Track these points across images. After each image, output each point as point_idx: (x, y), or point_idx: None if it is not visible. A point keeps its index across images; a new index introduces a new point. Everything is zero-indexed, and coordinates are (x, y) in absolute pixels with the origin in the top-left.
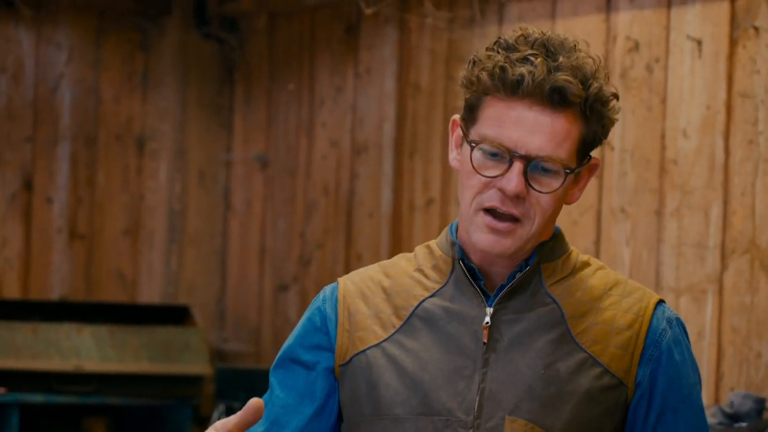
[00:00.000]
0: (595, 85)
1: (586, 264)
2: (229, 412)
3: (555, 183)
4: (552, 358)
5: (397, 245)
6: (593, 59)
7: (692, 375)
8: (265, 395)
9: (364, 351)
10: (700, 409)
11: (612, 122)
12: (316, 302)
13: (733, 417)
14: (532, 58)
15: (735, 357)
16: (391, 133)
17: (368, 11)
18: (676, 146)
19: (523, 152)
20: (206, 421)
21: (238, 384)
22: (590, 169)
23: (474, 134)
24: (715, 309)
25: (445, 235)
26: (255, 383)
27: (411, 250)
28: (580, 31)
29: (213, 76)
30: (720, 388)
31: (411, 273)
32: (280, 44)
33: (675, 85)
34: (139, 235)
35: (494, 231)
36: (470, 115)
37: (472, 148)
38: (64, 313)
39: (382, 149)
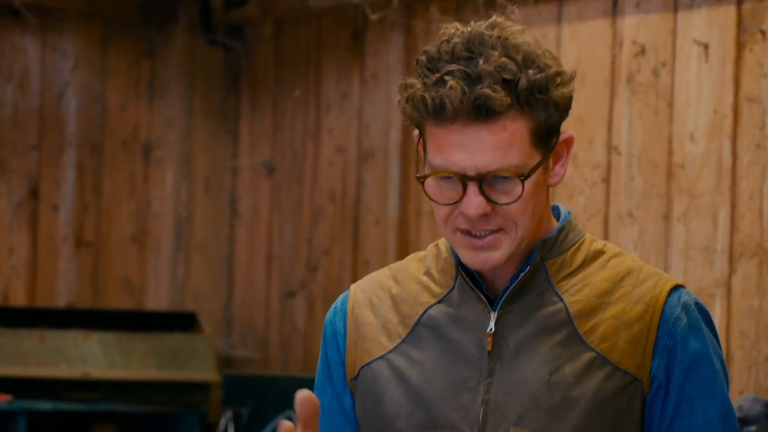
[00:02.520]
0: (525, 77)
1: (600, 253)
2: (237, 418)
3: (516, 190)
4: (558, 363)
5: (404, 251)
6: (525, 42)
7: (713, 362)
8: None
9: (369, 363)
10: (723, 398)
11: (564, 98)
12: (329, 315)
13: (742, 421)
14: (447, 78)
15: (744, 361)
16: (397, 139)
17: (374, 17)
18: (684, 150)
19: (472, 173)
20: (213, 428)
21: (245, 390)
22: (566, 144)
23: (426, 165)
24: (723, 313)
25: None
26: (262, 390)
27: None
28: (587, 35)
29: (219, 83)
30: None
31: (419, 277)
32: (286, 50)
33: (682, 90)
34: (146, 243)
35: (477, 248)
36: (421, 138)
37: (425, 180)
38: (71, 321)
39: (388, 155)
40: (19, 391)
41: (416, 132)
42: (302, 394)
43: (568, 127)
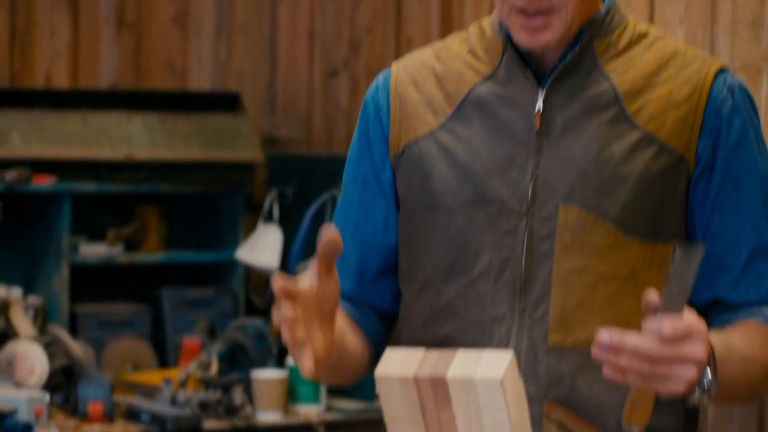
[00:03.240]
0: None
1: (644, 35)
2: (281, 198)
3: None
4: (606, 141)
5: (448, 28)
6: None
7: (755, 144)
8: (339, 199)
9: (416, 141)
10: (766, 176)
11: None
12: (370, 92)
13: None
14: None
15: None
16: None
17: None
18: None
19: None
20: (259, 208)
21: (289, 170)
22: None
23: None
24: None
25: (497, 13)
26: (306, 169)
27: None
28: None
29: None
30: None
31: (463, 56)
32: None
33: None
34: (187, 23)
35: (530, 29)
36: None
37: None
38: (114, 102)
39: None
40: (62, 173)
41: None
42: (329, 234)
43: None
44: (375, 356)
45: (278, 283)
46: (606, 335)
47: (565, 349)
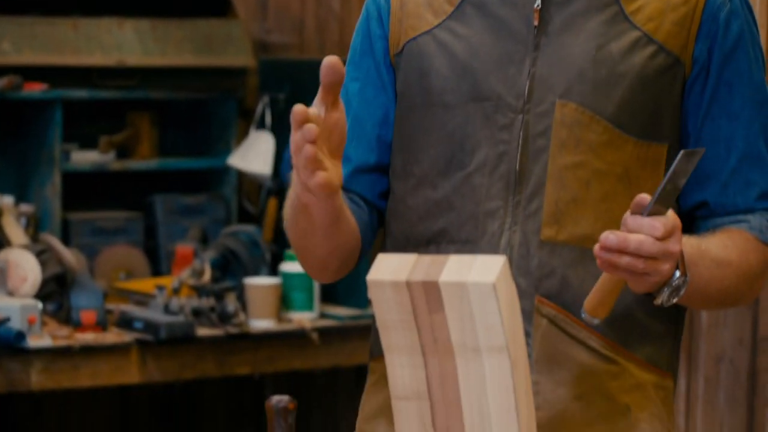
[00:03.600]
0: None
1: None
2: (273, 103)
3: None
4: (604, 39)
5: None
6: None
7: (751, 50)
8: (339, 94)
9: (415, 38)
10: (759, 85)
11: None
12: None
13: None
14: None
15: None
16: None
17: None
18: None
19: None
20: (250, 114)
21: (282, 76)
22: None
23: None
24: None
25: None
26: (299, 74)
27: None
28: None
29: None
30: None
31: None
32: None
33: None
34: None
35: None
36: None
37: None
38: (105, 8)
39: None
40: (54, 80)
41: None
42: (329, 60)
43: None
44: (363, 249)
45: (298, 108)
46: (612, 237)
47: (558, 243)
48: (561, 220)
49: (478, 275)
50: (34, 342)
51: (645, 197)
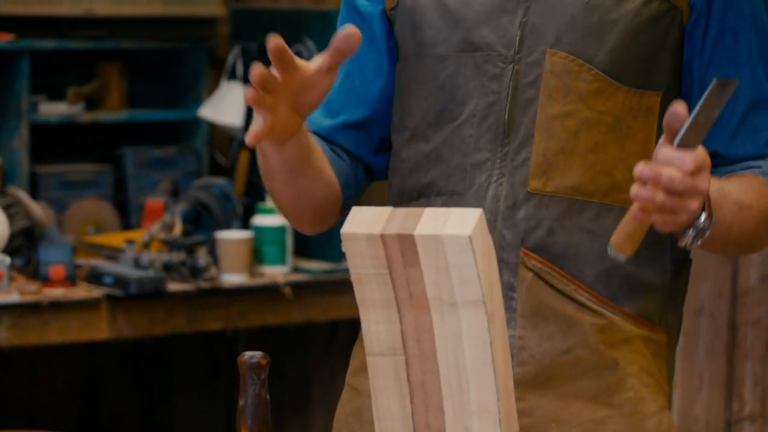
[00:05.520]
0: None
1: None
2: (245, 54)
3: None
4: None
5: None
6: None
7: None
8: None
9: None
10: (763, 27)
11: None
12: None
13: None
14: None
15: None
16: None
17: None
18: None
19: None
20: (221, 64)
21: (254, 25)
22: None
23: None
24: None
25: None
26: (272, 24)
27: None
28: None
29: None
30: None
31: None
32: None
33: None
34: None
35: None
36: None
37: None
38: None
39: None
40: (21, 30)
41: None
42: (350, 29)
43: None
44: (344, 202)
45: (274, 40)
46: (645, 167)
47: (545, 195)
48: (549, 172)
49: (454, 228)
50: (1, 298)
51: (681, 111)
